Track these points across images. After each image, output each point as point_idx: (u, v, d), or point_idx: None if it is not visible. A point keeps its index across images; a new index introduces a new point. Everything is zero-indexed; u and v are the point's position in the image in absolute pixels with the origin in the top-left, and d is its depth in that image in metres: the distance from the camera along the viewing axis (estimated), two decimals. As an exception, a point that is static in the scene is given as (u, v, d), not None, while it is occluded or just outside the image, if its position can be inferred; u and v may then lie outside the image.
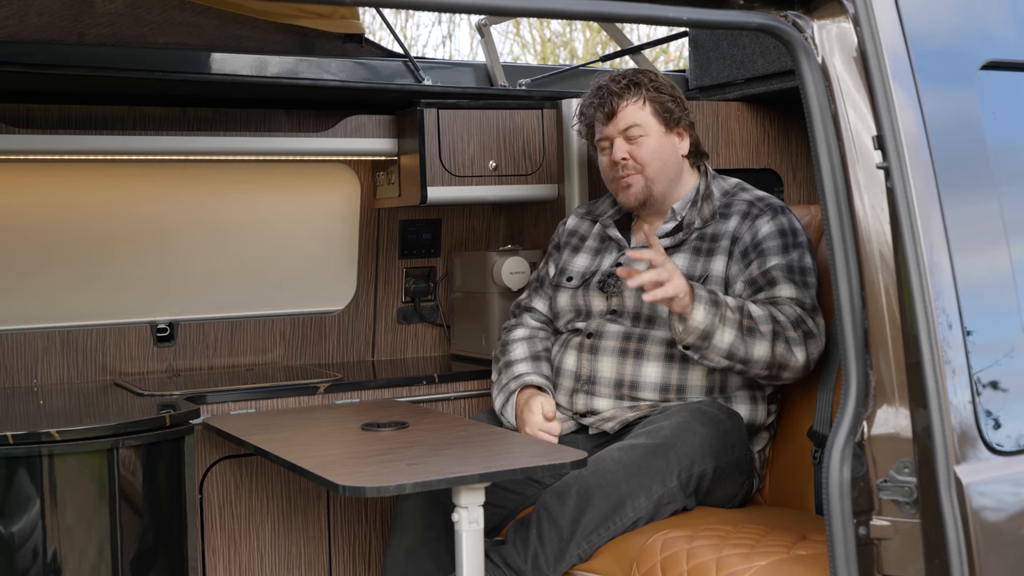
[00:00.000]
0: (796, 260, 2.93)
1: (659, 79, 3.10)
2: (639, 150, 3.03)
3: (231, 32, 3.07)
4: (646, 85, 3.05)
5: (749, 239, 2.97)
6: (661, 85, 3.08)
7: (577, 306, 3.10)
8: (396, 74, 3.69)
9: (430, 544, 2.87)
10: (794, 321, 2.84)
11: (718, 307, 2.77)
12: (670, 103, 3.06)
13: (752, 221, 2.99)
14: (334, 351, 3.86)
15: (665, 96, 3.06)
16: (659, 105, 3.05)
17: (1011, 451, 2.13)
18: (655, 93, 3.05)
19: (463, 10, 2.08)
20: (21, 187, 3.43)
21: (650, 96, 3.05)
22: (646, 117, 3.04)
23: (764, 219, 2.98)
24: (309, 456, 2.53)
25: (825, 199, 2.14)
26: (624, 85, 3.05)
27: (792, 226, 2.98)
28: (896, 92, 2.11)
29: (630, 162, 3.03)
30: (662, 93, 3.06)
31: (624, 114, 3.04)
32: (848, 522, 2.07)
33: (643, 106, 3.04)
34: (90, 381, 3.52)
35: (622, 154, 3.03)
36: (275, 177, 3.74)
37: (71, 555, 2.66)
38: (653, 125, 3.05)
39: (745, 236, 2.98)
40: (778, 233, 2.96)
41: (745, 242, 2.97)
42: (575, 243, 3.23)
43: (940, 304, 2.06)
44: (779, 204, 3.04)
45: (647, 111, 3.04)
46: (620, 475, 2.67)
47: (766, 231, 2.96)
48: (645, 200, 3.06)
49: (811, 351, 2.84)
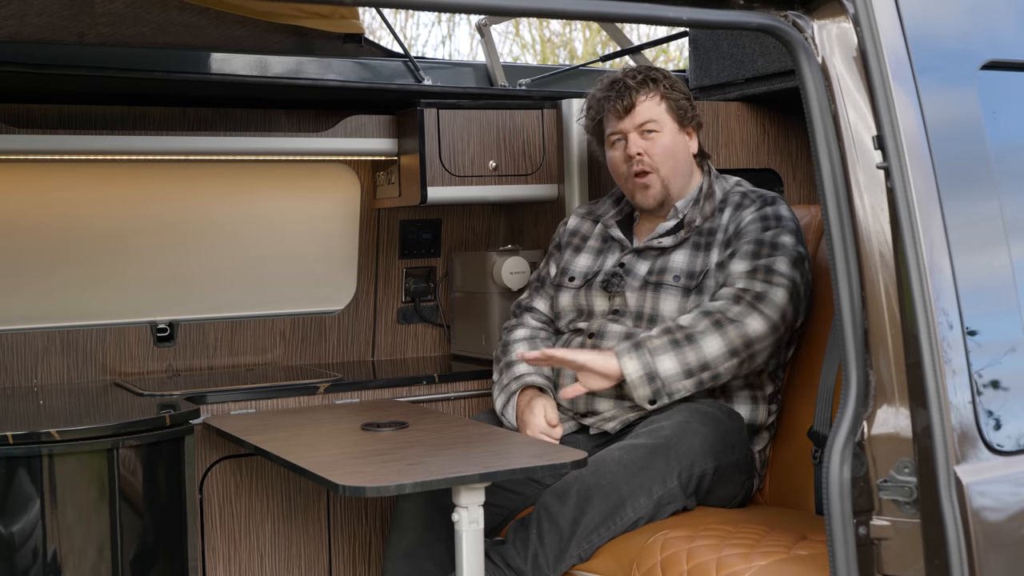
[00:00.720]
0: (770, 237, 2.92)
1: (672, 77, 3.11)
2: (653, 146, 3.03)
3: (231, 32, 3.06)
4: (662, 82, 3.06)
5: (733, 228, 2.98)
6: (675, 83, 3.10)
7: (579, 306, 3.10)
8: (396, 74, 3.69)
9: (429, 544, 2.87)
10: (732, 297, 2.83)
11: (640, 345, 2.80)
12: (684, 101, 3.08)
13: (740, 211, 3.00)
14: (334, 351, 3.86)
15: (680, 94, 3.08)
16: (674, 103, 3.06)
17: (1011, 451, 2.13)
18: (670, 91, 3.06)
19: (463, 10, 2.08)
20: (21, 187, 3.43)
21: (666, 93, 3.05)
22: (662, 113, 3.04)
23: (751, 208, 2.99)
24: (309, 456, 2.53)
25: (825, 199, 2.13)
26: (641, 80, 3.05)
27: (777, 213, 2.97)
28: (896, 92, 2.11)
29: (645, 158, 3.03)
30: (677, 91, 3.08)
31: (642, 108, 3.03)
32: (848, 522, 2.07)
33: (659, 102, 3.05)
34: (90, 381, 3.52)
35: (638, 148, 3.02)
36: (275, 177, 3.73)
37: (71, 555, 2.66)
38: (668, 122, 3.05)
39: (731, 226, 2.98)
40: (760, 218, 2.96)
41: (730, 232, 2.98)
42: (577, 243, 3.22)
43: (940, 304, 2.06)
44: (771, 195, 3.03)
45: (663, 108, 3.05)
46: (620, 475, 2.67)
47: (749, 218, 2.97)
48: (663, 200, 3.06)
49: (767, 311, 2.82)
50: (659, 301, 2.96)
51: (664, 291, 2.96)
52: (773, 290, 2.84)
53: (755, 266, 2.88)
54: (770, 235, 2.92)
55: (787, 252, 2.90)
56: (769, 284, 2.84)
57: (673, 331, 2.82)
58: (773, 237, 2.92)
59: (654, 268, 3.01)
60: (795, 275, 2.88)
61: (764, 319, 2.82)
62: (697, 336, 2.79)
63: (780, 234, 2.93)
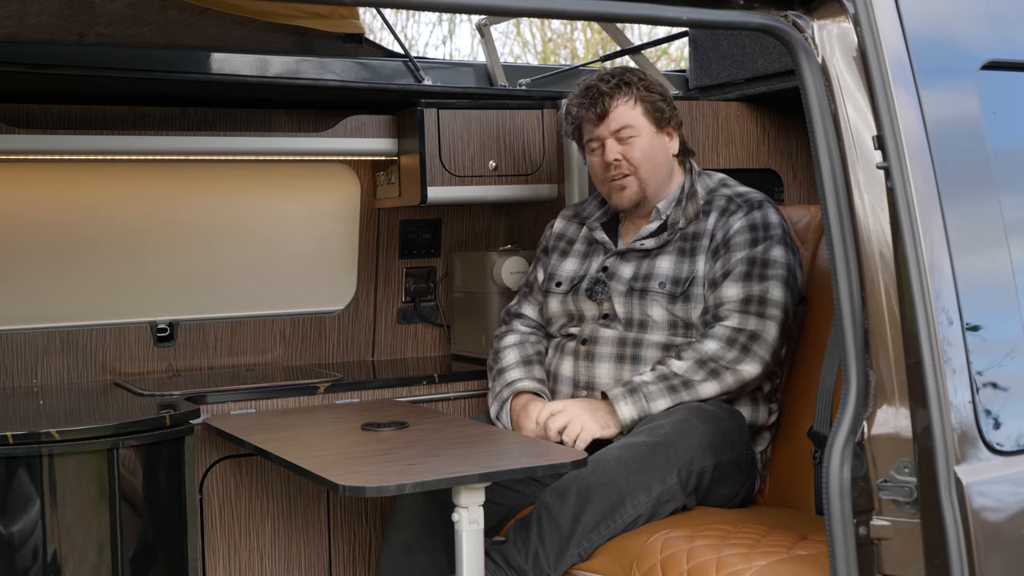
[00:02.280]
0: (760, 253, 2.90)
1: (648, 78, 3.07)
2: (631, 151, 3.01)
3: (231, 32, 3.06)
4: (636, 84, 3.03)
5: (721, 236, 2.96)
6: (651, 84, 3.06)
7: (569, 311, 3.10)
8: (396, 74, 3.69)
9: (425, 540, 2.88)
10: (727, 340, 2.84)
11: (636, 391, 2.82)
12: (660, 102, 3.04)
13: (727, 218, 2.97)
14: (334, 351, 3.86)
15: (656, 95, 3.04)
16: (650, 105, 3.03)
17: (1011, 451, 2.13)
18: (645, 92, 3.03)
19: (463, 10, 2.08)
20: (21, 187, 3.43)
21: (641, 95, 3.02)
22: (637, 117, 3.02)
23: (738, 215, 2.96)
24: (309, 456, 2.53)
25: (825, 199, 2.13)
26: (615, 85, 3.02)
27: (766, 220, 2.95)
28: (896, 92, 2.10)
29: (623, 163, 3.01)
30: (652, 92, 3.04)
31: (616, 114, 3.01)
32: (848, 522, 2.07)
33: (634, 106, 3.02)
34: (90, 381, 3.52)
35: (615, 155, 3.01)
36: (275, 177, 3.73)
37: (71, 555, 2.66)
38: (644, 125, 3.03)
39: (718, 234, 2.96)
40: (748, 228, 2.94)
41: (717, 240, 2.96)
42: (563, 247, 3.22)
43: (940, 304, 2.06)
44: (758, 199, 3.00)
45: (638, 111, 3.02)
46: (620, 473, 2.67)
47: (737, 227, 2.94)
48: (639, 202, 3.05)
49: (760, 352, 2.84)
50: (646, 307, 2.95)
51: (650, 297, 2.95)
52: (767, 327, 2.85)
53: (748, 295, 2.87)
54: (761, 250, 2.90)
55: (779, 270, 2.89)
56: (763, 320, 2.85)
57: (669, 378, 2.84)
58: (764, 252, 2.90)
59: (639, 273, 3.00)
60: (787, 299, 2.89)
61: (758, 362, 2.85)
62: (695, 384, 2.83)
63: (770, 247, 2.91)
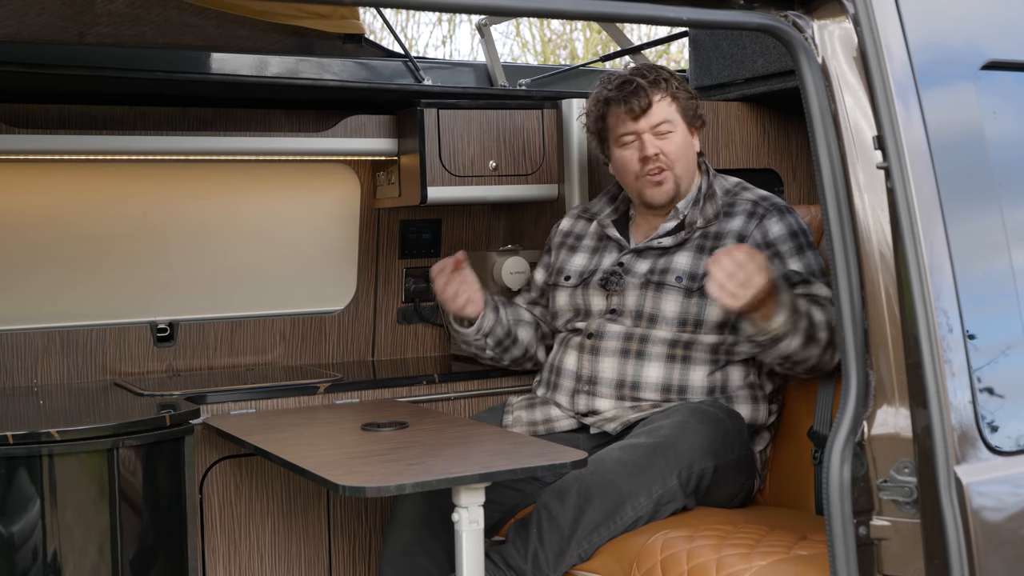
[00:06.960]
0: (814, 261, 2.93)
1: (679, 77, 3.10)
2: (668, 146, 3.03)
3: (231, 32, 3.06)
4: (672, 81, 3.05)
5: (760, 237, 2.96)
6: (682, 83, 3.09)
7: (576, 305, 3.10)
8: (396, 74, 3.69)
9: (426, 541, 2.87)
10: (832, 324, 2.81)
11: (797, 316, 2.69)
12: (691, 101, 3.08)
13: (759, 220, 2.98)
14: (334, 351, 3.86)
15: (687, 94, 3.08)
16: (684, 102, 3.06)
17: (1011, 451, 2.13)
18: (679, 91, 3.06)
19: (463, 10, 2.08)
20: (21, 187, 3.43)
21: (676, 93, 3.05)
22: (674, 114, 3.04)
23: (772, 219, 2.98)
24: (309, 456, 2.53)
25: (825, 199, 2.14)
26: (653, 80, 3.03)
27: (800, 226, 2.99)
28: (896, 92, 2.11)
29: (662, 157, 3.02)
30: (684, 91, 3.08)
31: (657, 109, 3.02)
32: (848, 522, 2.07)
33: (671, 102, 3.04)
34: (90, 381, 3.52)
35: (655, 149, 3.02)
36: (275, 177, 3.73)
37: (71, 555, 2.66)
38: (679, 122, 3.05)
39: (755, 234, 2.96)
40: (790, 235, 2.96)
41: (756, 240, 2.96)
42: (571, 243, 3.22)
43: (940, 304, 2.06)
44: (783, 204, 3.04)
45: (674, 108, 3.05)
46: (620, 474, 2.67)
47: (777, 232, 2.96)
48: (673, 197, 3.06)
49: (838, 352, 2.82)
50: (660, 301, 2.95)
51: (666, 291, 2.96)
52: None
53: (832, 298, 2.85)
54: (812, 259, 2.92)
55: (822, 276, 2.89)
56: None
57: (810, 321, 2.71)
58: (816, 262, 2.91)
59: (655, 268, 3.01)
60: None
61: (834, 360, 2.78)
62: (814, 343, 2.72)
63: (817, 256, 2.93)
